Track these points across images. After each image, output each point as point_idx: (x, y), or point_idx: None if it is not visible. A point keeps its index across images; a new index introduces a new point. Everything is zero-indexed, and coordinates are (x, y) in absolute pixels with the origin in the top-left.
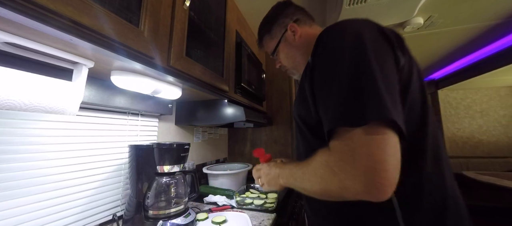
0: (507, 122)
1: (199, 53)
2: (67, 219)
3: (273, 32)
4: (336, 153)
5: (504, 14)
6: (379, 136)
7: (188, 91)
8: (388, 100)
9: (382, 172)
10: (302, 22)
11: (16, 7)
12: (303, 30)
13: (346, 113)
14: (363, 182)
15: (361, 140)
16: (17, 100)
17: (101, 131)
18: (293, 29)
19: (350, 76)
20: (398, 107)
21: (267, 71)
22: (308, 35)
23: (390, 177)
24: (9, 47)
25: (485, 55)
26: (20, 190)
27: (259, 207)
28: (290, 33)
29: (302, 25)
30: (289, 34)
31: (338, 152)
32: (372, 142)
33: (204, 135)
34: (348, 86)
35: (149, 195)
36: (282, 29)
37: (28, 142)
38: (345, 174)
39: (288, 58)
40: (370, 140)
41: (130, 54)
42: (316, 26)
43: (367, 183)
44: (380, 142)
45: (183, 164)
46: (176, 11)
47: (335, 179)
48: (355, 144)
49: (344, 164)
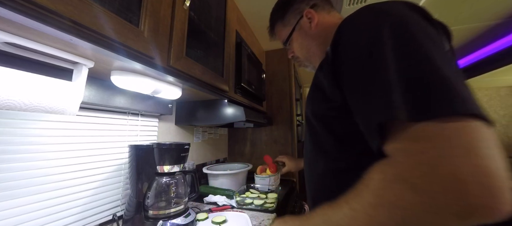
0: (507, 122)
1: (199, 53)
2: (67, 219)
3: (287, 19)
4: (412, 157)
5: (504, 14)
6: (475, 126)
7: (188, 91)
8: (466, 90)
9: (499, 170)
10: (320, 8)
11: (16, 7)
12: (321, 17)
13: (421, 102)
14: (476, 191)
15: (455, 131)
16: (17, 100)
17: (101, 131)
18: (310, 16)
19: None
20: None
21: (267, 71)
22: (326, 23)
23: (505, 177)
24: (9, 47)
25: (485, 55)
26: (20, 190)
27: (259, 207)
28: (306, 21)
29: (320, 11)
30: (304, 22)
31: (416, 153)
32: (473, 132)
33: (204, 135)
34: (411, 74)
35: (149, 195)
36: (297, 16)
37: (28, 142)
38: (440, 185)
39: (303, 48)
40: (469, 130)
41: (130, 54)
42: (336, 13)
43: (484, 192)
44: (482, 133)
45: (183, 164)
46: (176, 11)
47: (422, 199)
48: (444, 140)
49: (432, 170)
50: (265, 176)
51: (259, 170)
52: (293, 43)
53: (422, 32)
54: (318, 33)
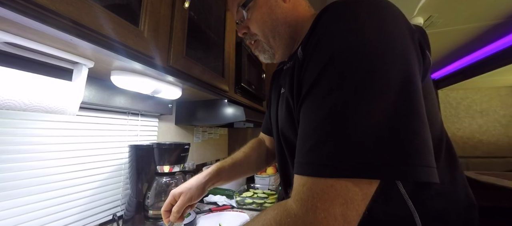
0: (507, 122)
1: (199, 53)
2: (67, 219)
3: None
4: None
5: (504, 14)
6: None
7: (188, 91)
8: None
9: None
10: None
11: (16, 7)
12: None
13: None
14: None
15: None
16: (17, 100)
17: (101, 131)
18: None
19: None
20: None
21: (267, 71)
22: (301, 6)
23: None
24: (9, 47)
25: (485, 55)
26: (20, 190)
27: (259, 207)
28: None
29: None
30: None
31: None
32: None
33: (204, 135)
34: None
35: (149, 195)
36: None
37: (28, 142)
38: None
39: (265, 23)
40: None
41: (130, 54)
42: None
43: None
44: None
45: (183, 164)
46: (176, 11)
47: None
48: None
49: None
50: (265, 176)
51: None
52: (253, 14)
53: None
54: (291, 9)
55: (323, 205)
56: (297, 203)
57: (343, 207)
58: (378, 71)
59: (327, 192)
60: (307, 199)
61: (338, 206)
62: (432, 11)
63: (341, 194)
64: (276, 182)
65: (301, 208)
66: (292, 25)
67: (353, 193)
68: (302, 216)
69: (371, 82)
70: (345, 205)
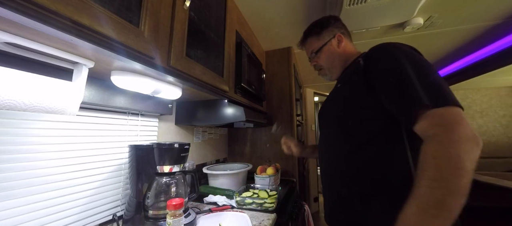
0: (507, 122)
1: (199, 53)
2: (67, 219)
3: (322, 35)
4: (446, 127)
5: (504, 14)
6: (457, 110)
7: (188, 91)
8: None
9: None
10: (346, 36)
11: (16, 7)
12: (346, 43)
13: (435, 97)
14: (475, 140)
15: (458, 114)
16: (17, 100)
17: (101, 131)
18: (340, 39)
19: (431, 74)
20: None
21: (267, 71)
22: (348, 47)
23: None
24: (9, 47)
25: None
26: (20, 190)
27: (259, 207)
28: (336, 41)
29: (346, 38)
30: (335, 41)
31: (450, 123)
32: (458, 114)
33: (204, 135)
34: (436, 81)
35: (149, 195)
36: (330, 35)
37: (28, 142)
38: (464, 138)
39: (328, 60)
40: (460, 113)
41: (130, 54)
42: (353, 44)
43: (477, 140)
44: (460, 113)
45: (183, 164)
46: (176, 11)
47: (461, 150)
48: (459, 117)
49: (457, 134)
50: (265, 176)
51: (259, 170)
52: (321, 55)
53: (420, 57)
54: (341, 52)
55: (455, 120)
56: (436, 128)
57: (464, 120)
58: (425, 60)
59: (453, 114)
60: (441, 122)
61: (462, 119)
62: (432, 11)
63: (460, 113)
64: (276, 182)
65: (442, 130)
66: (343, 60)
67: (462, 113)
68: (445, 134)
69: (427, 63)
70: (463, 118)
